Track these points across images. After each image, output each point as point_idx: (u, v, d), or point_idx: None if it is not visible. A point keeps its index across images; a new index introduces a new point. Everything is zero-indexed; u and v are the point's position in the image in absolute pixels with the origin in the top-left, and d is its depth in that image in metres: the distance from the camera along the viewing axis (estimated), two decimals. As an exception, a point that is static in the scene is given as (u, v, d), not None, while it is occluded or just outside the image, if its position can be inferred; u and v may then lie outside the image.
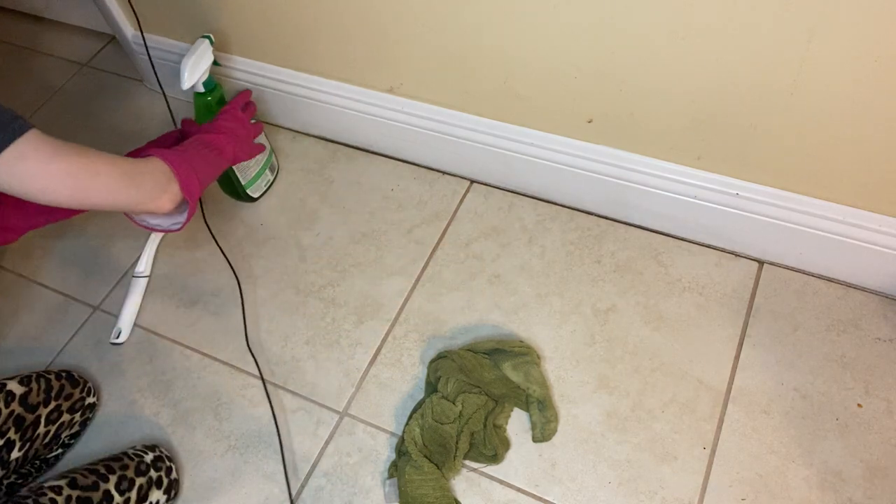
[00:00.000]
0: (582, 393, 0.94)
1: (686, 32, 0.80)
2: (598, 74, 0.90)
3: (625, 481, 0.87)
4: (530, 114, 1.01)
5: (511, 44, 0.92)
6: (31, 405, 0.87)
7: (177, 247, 1.16)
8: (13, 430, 0.84)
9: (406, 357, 1.00)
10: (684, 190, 0.98)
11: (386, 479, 0.88)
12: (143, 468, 0.86)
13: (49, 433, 0.90)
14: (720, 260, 1.03)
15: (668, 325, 0.98)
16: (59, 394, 0.91)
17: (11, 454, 0.84)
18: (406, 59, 1.04)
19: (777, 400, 0.90)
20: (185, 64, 1.01)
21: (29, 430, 0.86)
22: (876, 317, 0.95)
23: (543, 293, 1.03)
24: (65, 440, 0.94)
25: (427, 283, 1.06)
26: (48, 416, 0.89)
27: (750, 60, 0.79)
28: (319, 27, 1.06)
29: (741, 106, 0.85)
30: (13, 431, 0.84)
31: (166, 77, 1.26)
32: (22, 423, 0.85)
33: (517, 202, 1.13)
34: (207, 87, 1.06)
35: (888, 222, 0.89)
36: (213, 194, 1.19)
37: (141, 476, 0.85)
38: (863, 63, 0.74)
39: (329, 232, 1.14)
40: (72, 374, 0.96)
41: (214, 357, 1.03)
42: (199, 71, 1.02)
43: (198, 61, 1.02)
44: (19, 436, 0.85)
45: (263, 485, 0.91)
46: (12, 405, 0.85)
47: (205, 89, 1.06)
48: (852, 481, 0.84)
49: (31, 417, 0.87)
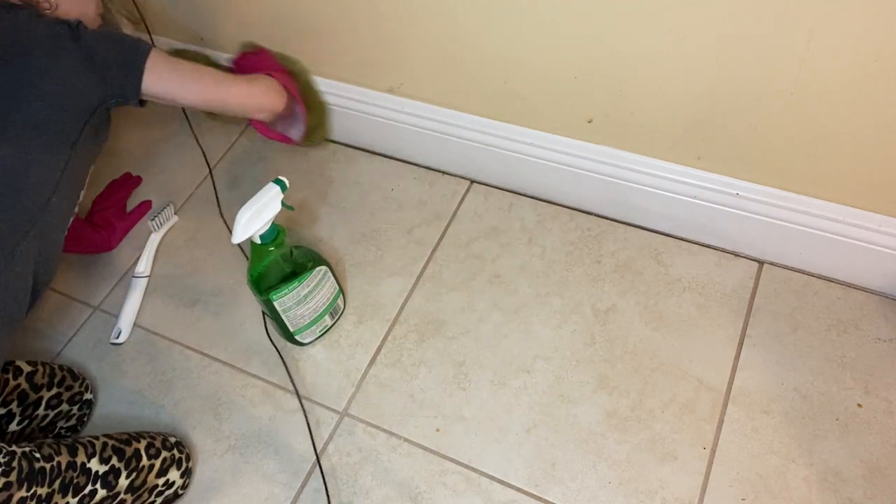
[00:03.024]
0: (582, 393, 0.94)
1: (686, 33, 0.80)
2: (598, 74, 0.90)
3: (625, 481, 0.87)
4: (530, 114, 1.01)
5: (511, 44, 0.92)
6: (36, 385, 0.90)
7: (177, 247, 1.16)
8: (15, 404, 0.88)
9: (406, 357, 1.00)
10: (684, 190, 0.98)
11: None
12: (168, 445, 0.89)
13: (47, 418, 0.92)
14: (720, 260, 1.03)
15: (668, 325, 0.98)
16: (61, 382, 0.94)
17: (10, 426, 0.87)
18: (406, 59, 1.04)
19: (777, 400, 0.90)
20: (242, 215, 0.84)
21: (30, 408, 0.89)
22: (876, 317, 0.95)
23: (543, 293, 1.03)
24: (60, 430, 0.95)
25: (427, 283, 1.06)
26: (49, 400, 0.92)
27: (750, 61, 0.79)
28: (319, 27, 1.06)
29: (741, 106, 0.85)
30: (15, 405, 0.88)
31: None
32: (25, 399, 0.89)
33: (517, 202, 1.13)
34: (265, 239, 0.88)
35: (888, 222, 0.89)
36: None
37: (166, 450, 0.88)
38: (863, 63, 0.74)
39: (329, 232, 1.14)
40: (72, 369, 0.98)
41: (214, 357, 1.03)
42: (257, 224, 0.85)
43: (260, 212, 0.85)
44: (20, 410, 0.88)
45: (263, 485, 0.91)
46: (19, 379, 0.88)
47: (262, 241, 0.88)
48: (852, 481, 0.84)
49: (34, 396, 0.90)
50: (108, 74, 0.84)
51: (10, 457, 0.71)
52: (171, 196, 1.22)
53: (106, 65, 0.84)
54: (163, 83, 0.89)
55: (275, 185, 0.87)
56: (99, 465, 0.79)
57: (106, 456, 0.80)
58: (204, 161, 1.25)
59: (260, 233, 0.87)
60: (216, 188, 1.22)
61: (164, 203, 1.19)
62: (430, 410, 0.95)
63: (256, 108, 1.02)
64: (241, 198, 1.17)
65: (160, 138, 1.30)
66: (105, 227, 1.15)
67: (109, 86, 0.85)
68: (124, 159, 1.28)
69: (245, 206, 0.85)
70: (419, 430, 0.93)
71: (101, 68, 0.83)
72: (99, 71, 0.83)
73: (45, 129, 0.79)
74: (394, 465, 0.91)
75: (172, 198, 1.22)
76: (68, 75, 0.81)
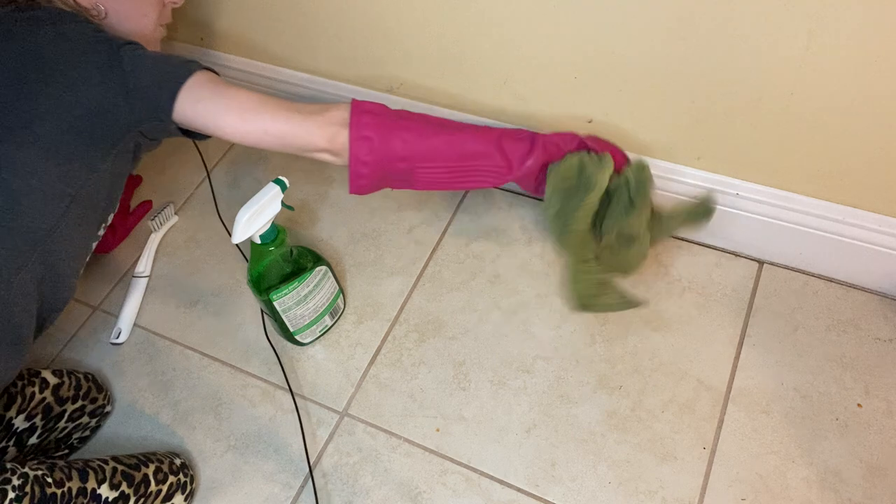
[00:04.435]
0: (582, 393, 0.94)
1: (686, 32, 0.80)
2: (598, 74, 0.90)
3: (625, 481, 0.87)
4: (530, 114, 1.01)
5: (511, 44, 0.92)
6: (62, 398, 0.89)
7: (177, 246, 1.16)
8: (39, 417, 0.86)
9: (406, 357, 1.00)
10: (684, 190, 0.98)
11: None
12: (174, 469, 0.87)
13: (66, 430, 0.91)
14: (720, 260, 1.03)
15: (668, 325, 0.98)
16: (86, 394, 0.93)
17: (30, 440, 0.85)
18: (406, 59, 1.04)
19: (777, 400, 0.90)
20: (242, 215, 0.84)
21: (52, 420, 0.88)
22: (876, 317, 0.95)
23: (543, 293, 1.03)
24: (74, 442, 0.94)
25: (427, 283, 1.06)
26: (72, 413, 0.91)
27: (750, 60, 0.79)
28: (319, 27, 1.06)
29: (741, 106, 0.85)
30: (39, 418, 0.86)
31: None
32: (49, 413, 0.87)
33: (517, 201, 1.13)
34: (265, 239, 0.89)
35: (888, 222, 0.89)
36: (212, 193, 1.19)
37: (173, 475, 0.87)
38: (863, 63, 0.74)
39: (329, 232, 1.14)
40: (96, 379, 0.96)
41: (214, 357, 1.03)
42: (257, 224, 0.85)
43: (260, 213, 0.85)
44: (42, 424, 0.86)
45: (263, 485, 0.91)
46: (45, 392, 0.87)
47: (262, 241, 0.89)
48: (852, 481, 0.84)
49: (58, 409, 0.88)
50: (142, 97, 0.76)
51: (23, 479, 0.70)
52: (171, 196, 1.22)
53: (142, 90, 0.76)
54: (201, 105, 0.77)
55: (275, 185, 0.86)
56: (109, 490, 0.78)
57: (116, 482, 0.79)
58: (204, 161, 1.25)
59: (260, 233, 0.87)
60: (216, 188, 1.22)
61: (164, 203, 1.19)
62: (430, 410, 0.95)
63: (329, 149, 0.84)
64: (240, 198, 1.17)
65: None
66: (105, 229, 1.15)
67: (141, 109, 0.77)
68: (124, 159, 1.28)
69: (245, 206, 0.84)
70: (419, 430, 0.93)
71: (137, 94, 0.76)
72: (133, 97, 0.76)
73: (55, 153, 0.74)
74: (394, 465, 0.91)
75: (172, 198, 1.22)
76: (96, 100, 0.75)
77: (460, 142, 0.86)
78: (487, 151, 0.87)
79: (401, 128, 0.85)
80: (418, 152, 0.85)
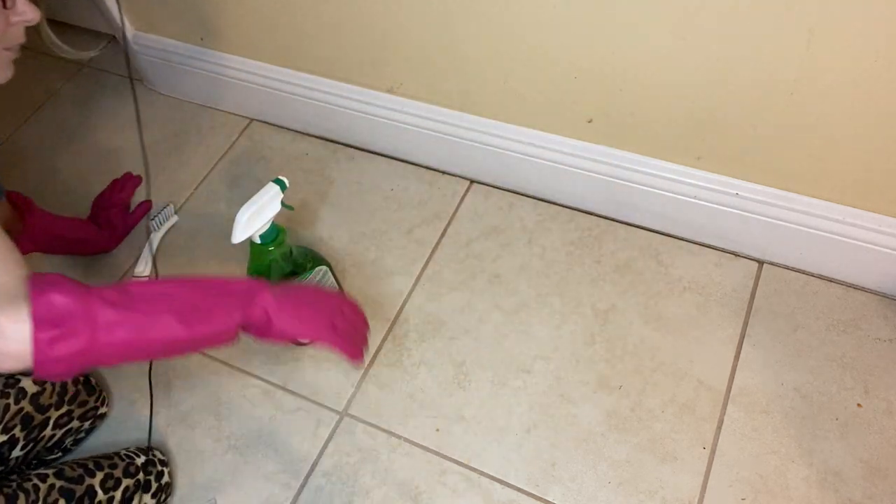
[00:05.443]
0: (582, 393, 0.94)
1: (686, 32, 0.80)
2: (598, 74, 0.90)
3: (625, 481, 0.87)
4: (530, 114, 1.01)
5: (511, 44, 0.92)
6: (42, 406, 0.85)
7: (177, 247, 1.16)
8: (19, 428, 0.83)
9: (406, 357, 1.00)
10: (684, 190, 0.98)
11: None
12: (132, 470, 0.85)
13: (55, 437, 0.88)
14: (720, 260, 1.03)
15: (668, 325, 0.98)
16: (73, 399, 0.90)
17: (13, 452, 0.82)
18: (406, 59, 1.04)
19: (777, 400, 0.90)
20: (241, 215, 0.83)
21: (35, 430, 0.85)
22: (876, 317, 0.95)
23: (543, 293, 1.03)
24: (68, 445, 0.93)
25: (427, 283, 1.06)
26: (57, 419, 0.88)
27: (750, 60, 0.79)
28: (319, 27, 1.06)
29: (741, 106, 0.85)
30: (19, 429, 0.83)
31: (166, 77, 1.27)
32: (29, 423, 0.84)
33: (517, 202, 1.13)
34: (265, 239, 0.88)
35: (888, 222, 0.89)
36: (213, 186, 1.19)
37: (129, 478, 0.84)
38: (863, 63, 0.74)
39: (329, 232, 1.14)
40: (89, 379, 0.94)
41: (214, 357, 1.03)
42: (257, 224, 0.85)
43: (259, 213, 0.84)
44: (24, 434, 0.83)
45: (263, 485, 0.91)
46: (22, 402, 0.83)
47: (262, 241, 0.88)
48: (852, 481, 0.84)
49: (39, 418, 0.85)
50: None
51: None
52: (171, 196, 1.22)
53: None
54: None
55: (275, 185, 0.86)
56: None
57: (51, 502, 0.76)
58: (204, 161, 1.25)
59: (260, 233, 0.87)
60: (216, 188, 1.22)
61: (164, 203, 1.19)
62: (430, 410, 0.95)
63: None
64: (241, 198, 1.17)
65: (160, 138, 1.30)
66: (106, 227, 1.15)
67: None
68: (124, 159, 1.28)
69: (245, 205, 0.84)
70: (419, 430, 0.93)
71: None
72: None
73: None
74: (394, 465, 0.91)
75: (172, 198, 1.22)
76: None
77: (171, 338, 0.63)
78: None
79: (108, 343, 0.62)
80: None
